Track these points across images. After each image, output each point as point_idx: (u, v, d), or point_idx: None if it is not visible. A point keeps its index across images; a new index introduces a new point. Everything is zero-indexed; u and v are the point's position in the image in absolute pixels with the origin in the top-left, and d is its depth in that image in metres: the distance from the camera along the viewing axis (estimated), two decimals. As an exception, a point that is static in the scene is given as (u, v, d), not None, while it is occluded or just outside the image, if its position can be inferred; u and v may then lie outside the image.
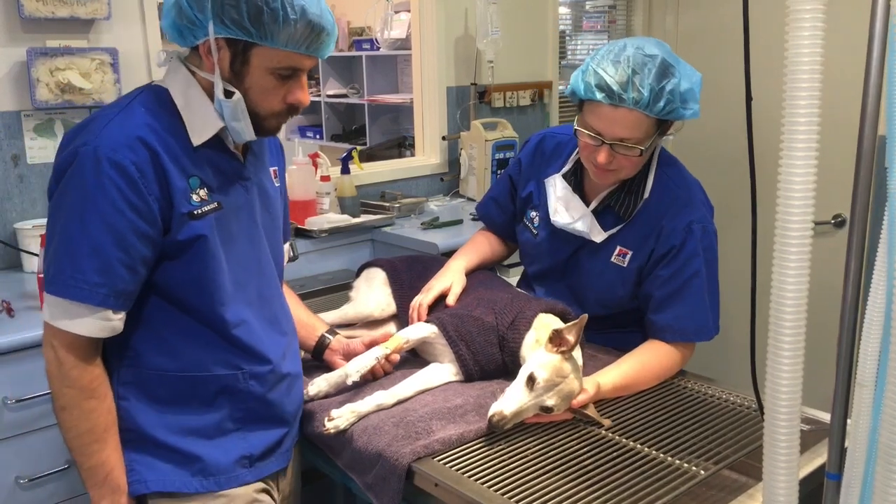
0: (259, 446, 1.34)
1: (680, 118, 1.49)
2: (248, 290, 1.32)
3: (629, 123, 1.46)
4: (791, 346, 0.73)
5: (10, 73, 2.11)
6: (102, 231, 1.14)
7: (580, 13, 3.77)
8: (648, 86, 1.42)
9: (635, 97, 1.43)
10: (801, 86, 0.67)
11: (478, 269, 1.81)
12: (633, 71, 1.43)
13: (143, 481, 1.26)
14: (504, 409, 1.31)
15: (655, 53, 1.46)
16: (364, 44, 4.59)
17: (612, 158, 1.50)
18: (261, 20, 1.15)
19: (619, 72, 1.44)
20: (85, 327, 1.16)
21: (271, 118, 1.26)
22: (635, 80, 1.43)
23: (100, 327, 1.18)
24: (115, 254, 1.15)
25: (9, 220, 2.15)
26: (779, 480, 0.77)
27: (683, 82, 1.46)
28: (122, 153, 1.14)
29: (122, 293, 1.18)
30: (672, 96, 1.44)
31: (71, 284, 1.14)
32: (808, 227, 0.71)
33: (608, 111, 1.46)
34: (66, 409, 1.19)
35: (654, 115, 1.46)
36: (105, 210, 1.14)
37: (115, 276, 1.16)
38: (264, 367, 1.32)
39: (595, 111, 1.49)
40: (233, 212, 1.29)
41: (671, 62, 1.47)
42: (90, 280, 1.14)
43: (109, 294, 1.16)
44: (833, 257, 1.80)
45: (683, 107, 1.47)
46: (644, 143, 1.48)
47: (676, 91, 1.45)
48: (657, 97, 1.43)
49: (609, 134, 1.48)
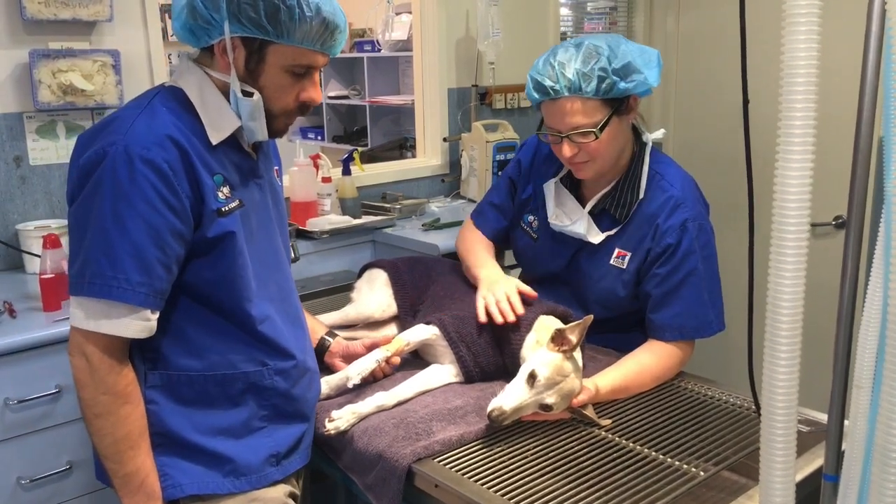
0: (284, 444, 1.34)
1: (625, 93, 1.52)
2: (269, 285, 1.33)
3: (573, 111, 1.52)
4: (787, 346, 0.73)
5: (13, 75, 2.12)
6: (141, 230, 1.13)
7: (581, 15, 3.77)
8: (575, 70, 1.49)
9: (566, 84, 1.50)
10: (798, 88, 0.67)
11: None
12: (560, 63, 1.51)
13: (178, 485, 1.25)
14: (504, 404, 1.31)
15: (582, 42, 1.53)
16: (365, 45, 4.60)
17: (578, 150, 1.55)
18: (277, 18, 1.17)
19: (549, 69, 1.52)
20: (125, 328, 1.16)
21: (282, 116, 1.28)
22: (563, 70, 1.50)
23: (139, 328, 1.17)
24: (154, 253, 1.15)
25: (11, 221, 2.16)
26: (775, 481, 0.77)
27: (617, 58, 1.50)
28: (154, 151, 1.14)
29: (160, 292, 1.18)
30: (604, 73, 1.49)
31: (113, 285, 1.13)
32: (805, 228, 0.71)
33: (552, 106, 1.54)
34: (101, 417, 1.18)
35: (593, 97, 1.50)
36: (142, 209, 1.13)
37: (154, 276, 1.15)
38: (289, 362, 1.33)
39: (546, 111, 1.58)
40: (252, 209, 1.30)
41: (598, 44, 1.52)
42: (132, 279, 1.14)
43: (150, 293, 1.16)
44: (835, 258, 1.80)
45: (625, 80, 1.50)
46: (596, 125, 1.52)
47: (607, 67, 1.49)
48: (587, 77, 1.49)
49: (562, 126, 1.54)
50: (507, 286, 1.57)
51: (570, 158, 1.56)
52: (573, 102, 1.51)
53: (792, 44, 0.67)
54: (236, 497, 1.28)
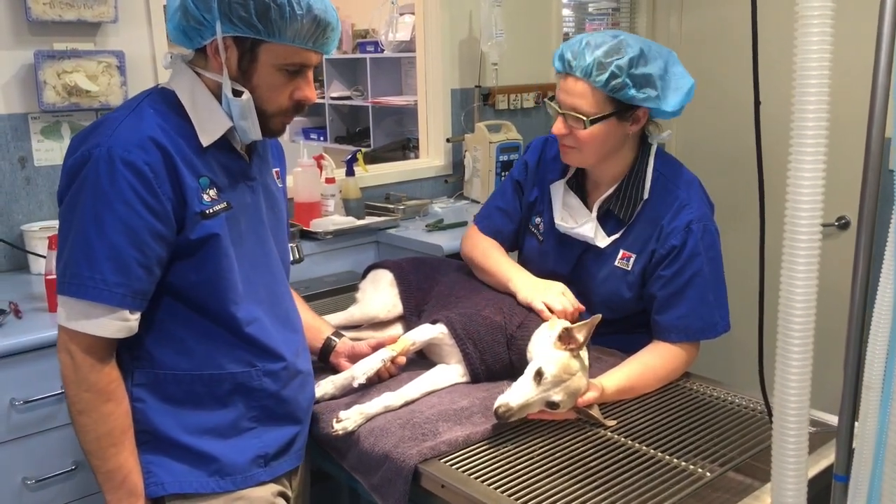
0: (273, 445, 1.34)
1: (631, 100, 1.52)
2: (259, 288, 1.33)
3: (577, 92, 1.54)
4: (800, 348, 0.73)
5: (18, 76, 2.12)
6: (119, 231, 1.15)
7: (583, 15, 3.77)
8: (594, 56, 1.51)
9: (581, 65, 1.52)
10: (810, 90, 0.67)
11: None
12: (588, 44, 1.53)
13: (160, 483, 1.26)
14: (510, 401, 1.31)
15: (621, 37, 1.53)
16: (368, 46, 4.60)
17: (568, 132, 1.57)
18: (268, 16, 1.17)
19: (577, 45, 1.54)
20: (103, 328, 1.17)
21: (278, 116, 1.28)
22: (585, 51, 1.52)
23: (117, 328, 1.18)
24: (132, 254, 1.16)
25: (16, 221, 2.16)
26: (787, 482, 0.77)
27: (642, 66, 1.50)
28: (135, 153, 1.15)
29: (139, 293, 1.19)
30: (618, 71, 1.49)
31: (90, 285, 1.15)
32: (817, 229, 0.71)
33: (563, 80, 1.57)
34: (84, 413, 1.19)
35: (600, 88, 1.51)
36: (121, 210, 1.14)
37: (132, 276, 1.16)
38: (278, 363, 1.33)
39: (559, 83, 1.60)
40: (241, 211, 1.30)
41: (632, 45, 1.51)
42: (108, 280, 1.15)
43: (127, 294, 1.17)
44: (837, 259, 1.80)
45: (637, 89, 1.50)
46: (590, 115, 1.53)
47: (624, 68, 1.49)
48: (601, 67, 1.50)
49: (562, 103, 1.57)
50: (557, 286, 1.61)
51: (560, 137, 1.60)
52: (580, 84, 1.53)
53: (805, 45, 0.67)
54: (220, 496, 1.29)
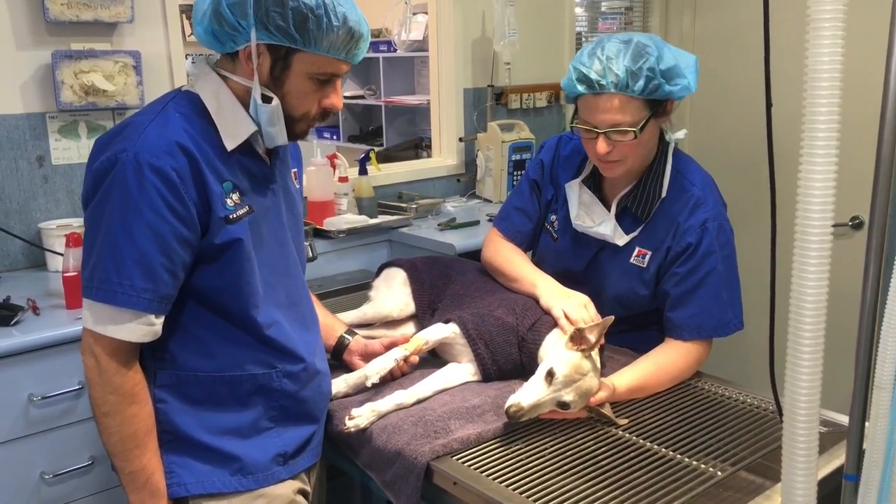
0: (292, 444, 1.36)
1: (668, 95, 1.51)
2: (278, 291, 1.34)
3: (615, 108, 1.50)
4: (810, 348, 0.73)
5: (36, 76, 2.15)
6: (147, 238, 1.15)
7: (596, 14, 3.76)
8: (624, 67, 1.47)
9: (613, 81, 1.48)
10: (822, 92, 0.67)
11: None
12: (608, 58, 1.49)
13: (183, 484, 1.27)
14: (521, 401, 1.32)
15: (630, 39, 1.51)
16: (381, 45, 4.60)
17: (612, 148, 1.53)
18: (305, 27, 1.18)
19: (596, 62, 1.50)
20: (129, 333, 1.18)
21: (303, 122, 1.29)
22: (611, 65, 1.48)
23: (143, 332, 1.19)
24: (160, 259, 1.17)
25: (33, 219, 2.18)
26: (797, 482, 0.77)
27: (664, 60, 1.49)
28: (163, 159, 1.16)
29: (165, 298, 1.20)
30: (651, 73, 1.47)
31: (118, 291, 1.16)
32: (828, 230, 0.71)
33: (593, 101, 1.52)
34: (109, 416, 1.21)
35: (638, 96, 1.49)
36: (149, 216, 1.15)
37: (158, 282, 1.17)
38: (297, 365, 1.34)
39: (584, 105, 1.55)
40: (262, 215, 1.31)
41: (647, 43, 1.50)
42: (136, 286, 1.16)
43: (153, 299, 1.18)
44: (851, 259, 1.79)
45: (670, 83, 1.49)
46: (637, 125, 1.51)
47: (655, 68, 1.47)
48: (635, 76, 1.47)
49: (600, 123, 1.52)
50: (580, 297, 1.58)
51: (604, 156, 1.54)
52: (616, 99, 1.49)
53: (816, 48, 0.67)
54: (242, 495, 1.30)
